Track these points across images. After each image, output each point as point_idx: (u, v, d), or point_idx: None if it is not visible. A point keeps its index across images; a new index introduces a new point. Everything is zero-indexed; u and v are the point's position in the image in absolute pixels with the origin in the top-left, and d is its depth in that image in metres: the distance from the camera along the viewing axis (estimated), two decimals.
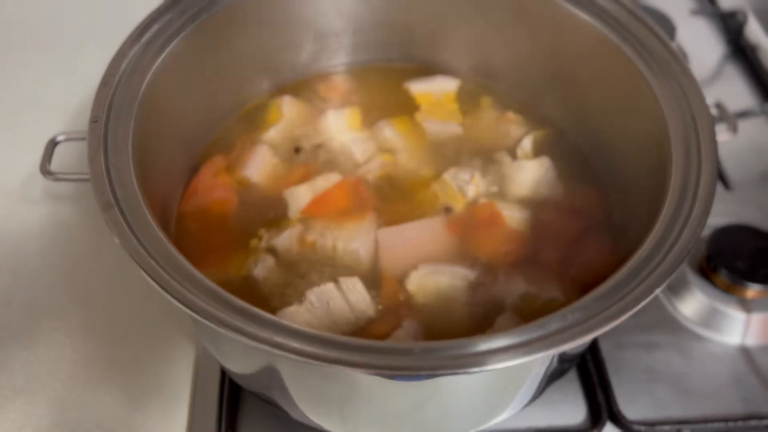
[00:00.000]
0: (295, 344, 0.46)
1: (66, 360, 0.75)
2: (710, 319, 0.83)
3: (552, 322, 0.48)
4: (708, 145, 0.60)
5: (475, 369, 0.45)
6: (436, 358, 0.46)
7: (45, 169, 0.60)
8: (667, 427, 0.74)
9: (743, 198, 0.93)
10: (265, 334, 0.47)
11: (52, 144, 0.62)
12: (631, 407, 0.75)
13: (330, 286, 0.66)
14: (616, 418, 0.74)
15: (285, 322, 0.48)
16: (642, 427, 0.73)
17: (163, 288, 0.49)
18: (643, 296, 0.49)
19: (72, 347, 0.76)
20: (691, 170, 0.59)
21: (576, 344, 0.47)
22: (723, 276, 0.82)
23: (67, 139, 0.63)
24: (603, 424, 0.73)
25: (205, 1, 0.69)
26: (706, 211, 0.54)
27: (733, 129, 0.66)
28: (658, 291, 0.50)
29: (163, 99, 0.65)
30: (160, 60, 0.63)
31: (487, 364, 0.45)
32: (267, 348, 0.46)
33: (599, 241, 0.71)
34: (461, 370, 0.45)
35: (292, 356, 0.46)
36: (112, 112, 0.59)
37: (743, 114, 1.00)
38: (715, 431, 0.74)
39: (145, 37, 0.64)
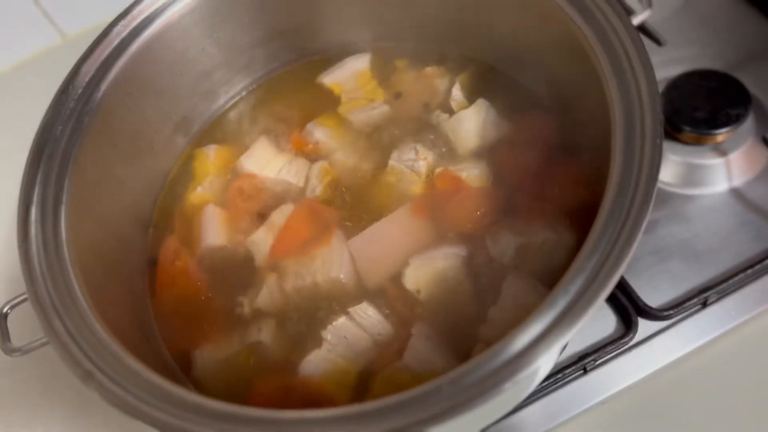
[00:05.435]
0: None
1: None
2: (691, 176, 0.82)
3: (573, 282, 0.46)
4: (630, 39, 0.57)
5: (523, 377, 0.43)
6: (468, 386, 0.44)
7: (7, 348, 0.57)
8: (694, 300, 0.73)
9: (675, 43, 0.90)
10: None
11: (3, 317, 0.58)
12: (654, 295, 0.74)
13: (342, 320, 0.64)
14: (645, 313, 0.73)
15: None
16: (672, 311, 0.72)
17: None
18: (643, 210, 0.48)
19: None
20: (624, 70, 0.56)
21: (609, 289, 0.45)
22: (688, 132, 0.80)
23: (13, 306, 0.59)
24: (636, 324, 0.73)
25: (81, 105, 0.65)
26: (657, 116, 0.52)
27: (648, 4, 0.63)
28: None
29: (89, 226, 0.61)
30: (64, 195, 0.59)
31: (532, 365, 0.43)
32: None
33: (562, 163, 0.69)
34: (502, 389, 0.43)
35: None
36: (45, 267, 0.56)
37: None
38: (739, 285, 0.74)
39: (40, 173, 0.60)
